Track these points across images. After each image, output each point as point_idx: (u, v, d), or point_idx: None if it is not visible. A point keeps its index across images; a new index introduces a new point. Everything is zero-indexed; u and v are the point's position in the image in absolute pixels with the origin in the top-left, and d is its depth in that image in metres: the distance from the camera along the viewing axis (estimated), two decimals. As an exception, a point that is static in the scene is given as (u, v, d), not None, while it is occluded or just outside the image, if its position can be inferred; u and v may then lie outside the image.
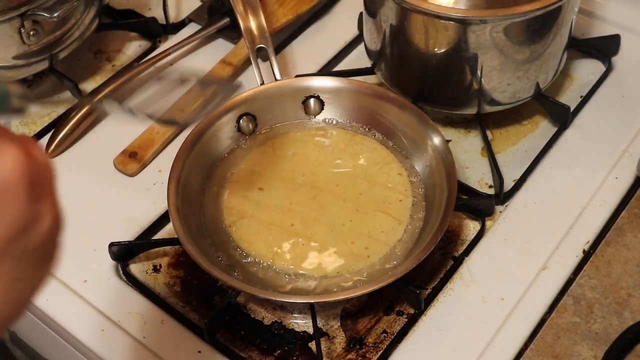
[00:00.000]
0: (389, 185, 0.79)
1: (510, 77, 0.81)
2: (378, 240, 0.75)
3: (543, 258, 0.75)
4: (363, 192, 0.79)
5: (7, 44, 0.86)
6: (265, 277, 0.73)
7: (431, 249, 0.69)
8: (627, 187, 0.81)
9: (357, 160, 0.82)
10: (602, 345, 0.69)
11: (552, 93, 0.90)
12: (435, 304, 0.73)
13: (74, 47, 0.94)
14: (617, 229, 0.78)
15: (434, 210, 0.75)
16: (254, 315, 0.74)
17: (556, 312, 0.72)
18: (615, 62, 0.94)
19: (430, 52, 0.80)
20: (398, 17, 0.80)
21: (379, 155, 0.82)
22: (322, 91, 0.85)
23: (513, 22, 0.75)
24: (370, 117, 0.84)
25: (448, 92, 0.84)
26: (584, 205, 0.80)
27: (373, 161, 0.81)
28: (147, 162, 0.87)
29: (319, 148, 0.83)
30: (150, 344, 0.71)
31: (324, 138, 0.84)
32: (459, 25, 0.76)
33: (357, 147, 0.83)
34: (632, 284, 0.73)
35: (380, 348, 0.71)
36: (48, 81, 0.99)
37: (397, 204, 0.77)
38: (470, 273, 0.75)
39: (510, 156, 0.86)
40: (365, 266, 0.73)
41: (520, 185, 0.82)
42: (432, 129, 0.79)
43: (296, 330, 0.73)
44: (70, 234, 0.83)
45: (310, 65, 0.97)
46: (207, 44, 1.02)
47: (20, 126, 0.94)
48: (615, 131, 0.87)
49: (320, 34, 1.02)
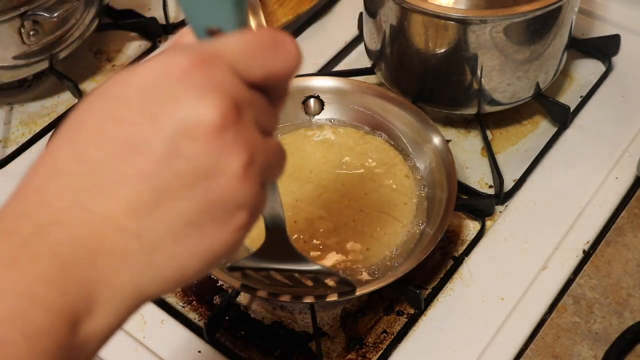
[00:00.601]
0: (394, 187, 0.79)
1: (510, 77, 0.81)
2: (380, 241, 0.75)
3: (543, 258, 0.75)
4: (368, 193, 0.78)
5: (7, 44, 0.86)
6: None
7: (431, 249, 0.69)
8: (627, 187, 0.81)
9: (364, 160, 0.81)
10: (602, 345, 0.69)
11: (552, 93, 0.90)
12: (435, 304, 0.73)
13: (74, 47, 0.94)
14: (617, 229, 0.78)
15: (434, 210, 0.75)
16: (254, 315, 0.74)
17: (556, 312, 0.72)
18: (615, 62, 0.94)
19: (430, 52, 0.80)
20: (398, 17, 0.80)
21: (386, 156, 0.81)
22: (322, 91, 0.85)
23: (513, 22, 0.75)
24: (371, 117, 0.84)
25: (448, 92, 0.84)
26: (584, 205, 0.80)
27: (381, 162, 0.81)
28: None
29: (327, 145, 0.83)
30: (150, 344, 0.71)
31: (333, 136, 0.84)
32: (459, 25, 0.76)
33: (365, 146, 0.83)
34: (632, 284, 0.73)
35: (380, 348, 0.71)
36: (48, 81, 0.99)
37: (401, 206, 0.77)
38: (470, 273, 0.75)
39: (510, 156, 0.86)
40: (366, 266, 0.73)
41: (520, 185, 0.82)
42: (432, 129, 0.79)
43: (296, 330, 0.73)
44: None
45: (310, 65, 0.97)
46: (207, 44, 1.02)
47: (21, 126, 0.94)
48: (615, 131, 0.87)
49: (320, 34, 1.02)
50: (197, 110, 0.35)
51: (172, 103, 0.35)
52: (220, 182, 0.36)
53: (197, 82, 0.36)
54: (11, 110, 0.96)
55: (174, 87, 0.36)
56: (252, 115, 0.38)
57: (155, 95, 0.36)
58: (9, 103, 0.97)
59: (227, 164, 0.36)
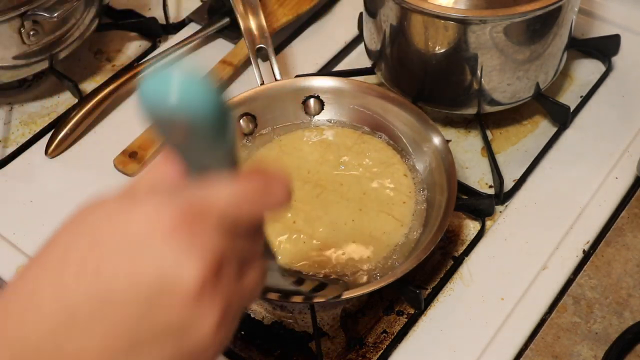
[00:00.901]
0: (393, 187, 0.79)
1: (510, 77, 0.81)
2: (379, 240, 0.75)
3: (543, 258, 0.75)
4: (367, 192, 0.78)
5: (7, 44, 0.86)
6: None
7: (431, 249, 0.69)
8: (627, 187, 0.81)
9: (362, 160, 0.81)
10: (602, 345, 0.69)
11: (552, 93, 0.90)
12: (435, 304, 0.73)
13: (74, 47, 0.94)
14: (617, 229, 0.78)
15: (434, 210, 0.75)
16: (254, 315, 0.74)
17: (556, 312, 0.72)
18: (615, 62, 0.94)
19: (430, 52, 0.80)
20: (398, 17, 0.80)
21: (385, 156, 0.81)
22: (322, 91, 0.85)
23: (513, 22, 0.75)
24: (370, 117, 0.84)
25: (448, 92, 0.84)
26: (584, 205, 0.80)
27: (379, 161, 0.81)
28: (147, 162, 0.87)
29: (325, 145, 0.83)
30: (150, 344, 0.71)
31: (331, 136, 0.84)
32: (459, 25, 0.76)
33: (363, 146, 0.83)
34: (632, 284, 0.73)
35: (380, 348, 0.71)
36: (48, 81, 0.99)
37: (400, 205, 0.77)
38: (470, 273, 0.75)
39: (510, 156, 0.86)
40: (366, 266, 0.73)
41: (520, 185, 0.82)
42: (432, 129, 0.79)
43: (296, 330, 0.73)
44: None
45: (310, 65, 0.97)
46: (207, 44, 1.02)
47: (21, 126, 0.94)
48: (615, 131, 0.87)
49: (320, 34, 1.02)
50: (178, 270, 0.37)
51: (154, 260, 0.37)
52: (193, 337, 0.38)
53: (182, 242, 0.37)
54: (11, 110, 0.96)
55: (158, 244, 0.37)
56: (235, 263, 0.40)
57: (139, 249, 0.37)
58: (9, 103, 0.97)
59: (202, 322, 0.38)
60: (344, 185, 0.79)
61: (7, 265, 0.78)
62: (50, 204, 0.84)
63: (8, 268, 0.77)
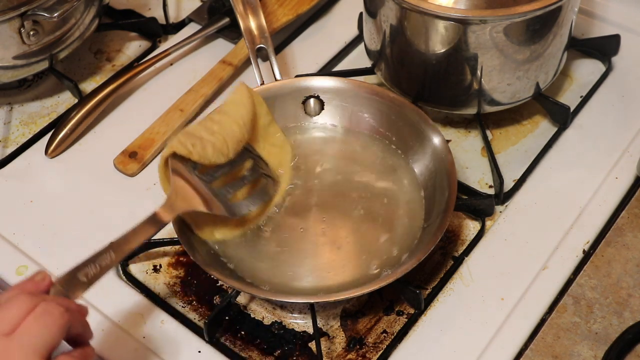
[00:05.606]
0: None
1: (510, 77, 0.81)
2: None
3: (543, 258, 0.75)
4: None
5: (7, 44, 0.86)
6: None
7: (431, 249, 0.69)
8: (627, 187, 0.81)
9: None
10: (602, 345, 0.69)
11: (552, 93, 0.90)
12: (435, 304, 0.73)
13: (74, 47, 0.94)
14: (617, 229, 0.78)
15: (434, 210, 0.75)
16: (254, 315, 0.74)
17: (556, 312, 0.72)
18: (615, 62, 0.94)
19: (430, 52, 0.80)
20: (398, 17, 0.80)
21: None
22: (322, 91, 0.85)
23: (513, 22, 0.75)
24: (370, 117, 0.84)
25: (448, 92, 0.84)
26: (584, 205, 0.80)
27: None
28: (147, 162, 0.87)
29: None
30: (150, 344, 0.71)
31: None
32: (459, 25, 0.76)
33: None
34: (632, 284, 0.73)
35: (380, 348, 0.71)
36: (48, 81, 0.99)
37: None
38: (470, 273, 0.75)
39: (510, 156, 0.86)
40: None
41: (520, 185, 0.82)
42: (432, 129, 0.79)
43: (296, 330, 0.73)
44: (70, 234, 0.83)
45: (310, 65, 0.97)
46: (207, 44, 1.02)
47: (21, 126, 0.94)
48: (615, 131, 0.87)
49: (320, 34, 1.02)
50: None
51: None
52: None
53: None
54: (11, 110, 0.96)
55: None
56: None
57: None
58: (9, 103, 0.97)
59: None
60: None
61: (7, 265, 0.77)
62: (50, 204, 0.84)
63: (8, 268, 0.77)
